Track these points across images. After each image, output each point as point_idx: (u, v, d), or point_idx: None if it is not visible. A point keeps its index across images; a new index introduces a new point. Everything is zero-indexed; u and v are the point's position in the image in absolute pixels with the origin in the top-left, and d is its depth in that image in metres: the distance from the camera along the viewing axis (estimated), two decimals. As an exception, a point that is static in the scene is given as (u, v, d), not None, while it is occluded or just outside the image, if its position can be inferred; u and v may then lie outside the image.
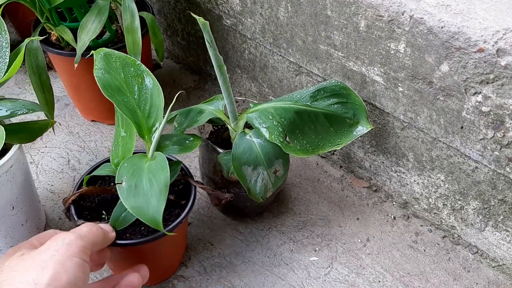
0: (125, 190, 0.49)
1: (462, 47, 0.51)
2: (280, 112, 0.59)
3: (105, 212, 0.58)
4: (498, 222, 0.60)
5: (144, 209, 0.48)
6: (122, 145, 0.55)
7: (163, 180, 0.49)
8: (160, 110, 0.55)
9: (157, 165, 0.51)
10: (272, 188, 0.61)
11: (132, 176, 0.50)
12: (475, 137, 0.56)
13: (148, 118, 0.54)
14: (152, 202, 0.48)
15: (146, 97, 0.55)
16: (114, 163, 0.55)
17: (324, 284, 0.63)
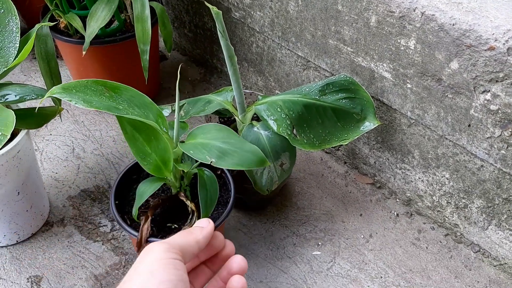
0: (219, 161, 0.49)
1: (472, 44, 0.52)
2: (288, 105, 0.59)
3: (171, 223, 0.56)
4: (502, 221, 0.60)
5: (247, 158, 0.50)
6: (154, 151, 0.52)
7: (230, 133, 0.51)
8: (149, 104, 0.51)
9: (211, 132, 0.52)
10: (278, 181, 0.61)
11: (209, 151, 0.50)
12: (482, 135, 0.56)
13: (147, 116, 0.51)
14: (246, 150, 0.50)
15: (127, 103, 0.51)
16: (156, 170, 0.52)
17: (327, 278, 0.63)
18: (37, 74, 0.93)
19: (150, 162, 0.52)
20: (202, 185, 0.53)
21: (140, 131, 0.51)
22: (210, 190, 0.53)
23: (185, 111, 0.66)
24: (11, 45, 0.56)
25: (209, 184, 0.53)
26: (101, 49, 0.74)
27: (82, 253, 0.65)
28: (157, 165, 0.52)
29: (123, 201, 0.57)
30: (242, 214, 0.71)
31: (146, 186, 0.52)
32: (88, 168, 0.75)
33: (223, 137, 0.51)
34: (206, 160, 0.48)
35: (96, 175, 0.74)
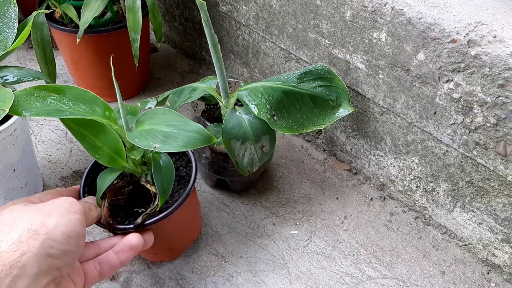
0: (164, 146, 0.50)
1: (437, 37, 0.56)
2: (268, 91, 0.63)
3: (137, 207, 0.58)
4: (466, 203, 0.65)
5: (192, 138, 0.50)
6: (104, 144, 0.54)
7: (174, 114, 0.52)
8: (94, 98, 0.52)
9: (156, 116, 0.53)
10: (259, 163, 0.65)
11: (153, 137, 0.50)
12: (446, 122, 0.61)
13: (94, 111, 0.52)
14: (190, 130, 0.51)
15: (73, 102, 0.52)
16: (111, 161, 0.54)
17: (303, 255, 0.67)
18: (33, 63, 0.97)
19: (103, 155, 0.54)
20: (157, 169, 0.54)
21: (86, 127, 0.53)
22: (166, 173, 0.55)
23: (171, 102, 0.70)
24: (9, 31, 0.60)
25: (164, 167, 0.55)
26: (94, 38, 0.78)
27: (73, 229, 0.68)
28: (111, 156, 0.54)
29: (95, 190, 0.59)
30: (226, 196, 0.75)
31: (105, 177, 0.55)
32: (80, 151, 0.79)
33: (167, 120, 0.52)
34: (150, 147, 0.49)
35: (88, 157, 0.78)
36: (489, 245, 0.65)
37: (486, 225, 0.64)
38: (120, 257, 0.52)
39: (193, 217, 0.66)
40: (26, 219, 0.44)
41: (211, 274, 0.64)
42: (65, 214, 0.46)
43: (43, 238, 0.42)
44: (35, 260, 0.41)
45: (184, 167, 0.64)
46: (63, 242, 0.44)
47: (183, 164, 0.64)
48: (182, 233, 0.64)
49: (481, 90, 0.55)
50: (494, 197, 0.61)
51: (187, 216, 0.63)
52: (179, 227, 0.62)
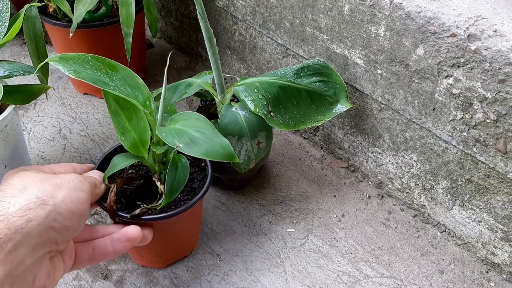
0: (186, 148, 0.50)
1: (436, 31, 0.55)
2: (265, 86, 0.62)
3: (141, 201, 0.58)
4: (465, 201, 0.64)
5: (214, 150, 0.50)
6: (133, 128, 0.54)
7: (207, 123, 0.52)
8: (141, 85, 0.54)
9: (190, 120, 0.53)
10: (255, 159, 0.64)
11: (180, 137, 0.51)
12: (445, 118, 0.60)
13: (136, 97, 0.54)
14: (216, 142, 0.51)
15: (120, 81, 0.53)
16: (133, 148, 0.54)
17: (299, 253, 0.66)
18: (26, 59, 0.96)
19: (128, 139, 0.54)
20: (173, 168, 0.54)
21: (123, 108, 0.54)
22: (180, 175, 0.54)
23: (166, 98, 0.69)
24: (0, 24, 0.59)
25: (180, 169, 0.54)
26: (88, 32, 0.77)
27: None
28: (135, 143, 0.54)
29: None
30: (222, 193, 0.74)
31: (121, 159, 0.55)
32: (74, 148, 0.78)
33: (199, 126, 0.52)
34: (174, 144, 0.49)
35: (82, 154, 0.77)
36: (488, 243, 0.64)
37: (485, 223, 0.63)
38: (115, 245, 0.51)
39: (190, 232, 0.64)
40: (36, 187, 0.44)
41: (206, 273, 0.63)
42: (73, 190, 0.46)
43: (50, 209, 0.42)
44: (38, 230, 0.41)
45: (199, 181, 0.61)
46: (67, 217, 0.44)
47: (199, 178, 0.62)
48: (174, 243, 0.62)
49: (481, 85, 0.54)
50: (494, 195, 0.60)
51: (185, 228, 0.62)
52: (173, 237, 0.61)
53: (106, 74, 0.51)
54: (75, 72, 0.47)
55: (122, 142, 0.54)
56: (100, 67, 0.51)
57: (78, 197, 0.46)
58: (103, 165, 0.58)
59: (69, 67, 0.48)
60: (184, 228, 0.61)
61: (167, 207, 0.56)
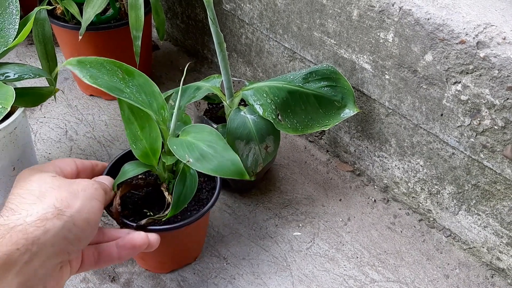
0: (196, 163, 0.49)
1: (445, 38, 0.55)
2: (274, 91, 0.62)
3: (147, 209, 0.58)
4: (471, 206, 0.64)
5: (224, 167, 0.50)
6: (145, 138, 0.55)
7: (218, 138, 0.52)
8: (157, 93, 0.54)
9: (202, 133, 0.53)
10: (263, 163, 0.64)
11: (191, 151, 0.50)
12: (453, 124, 0.60)
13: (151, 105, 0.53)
14: (226, 158, 0.51)
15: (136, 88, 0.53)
16: (143, 156, 0.55)
17: (306, 257, 0.67)
18: (32, 60, 0.96)
19: (139, 148, 0.54)
20: (181, 180, 0.54)
21: (136, 116, 0.54)
22: (188, 187, 0.54)
23: (174, 101, 0.69)
24: (10, 27, 0.59)
25: (189, 182, 0.54)
26: (96, 35, 0.77)
27: (73, 228, 0.67)
28: (145, 151, 0.54)
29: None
30: (228, 196, 0.74)
31: (132, 167, 0.55)
32: (80, 150, 0.78)
33: (211, 140, 0.52)
34: (184, 158, 0.49)
35: (88, 156, 0.77)
36: (493, 248, 0.64)
37: (491, 228, 0.63)
38: (120, 252, 0.51)
39: (195, 241, 0.64)
40: (54, 195, 0.43)
41: (213, 276, 0.64)
42: (89, 199, 0.46)
43: (66, 220, 0.42)
44: (53, 241, 0.41)
45: (208, 192, 0.61)
46: (82, 228, 0.44)
47: (208, 188, 0.62)
48: (178, 252, 0.63)
49: (489, 92, 0.54)
50: (500, 200, 0.60)
51: (190, 238, 0.62)
52: (177, 246, 0.61)
53: (123, 80, 0.51)
54: (92, 78, 0.47)
55: (133, 150, 0.54)
56: (117, 72, 0.51)
57: (93, 207, 0.46)
58: (112, 171, 0.58)
59: (85, 72, 0.48)
60: (189, 238, 0.61)
61: (174, 217, 0.56)
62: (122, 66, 0.52)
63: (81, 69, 0.48)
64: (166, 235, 0.55)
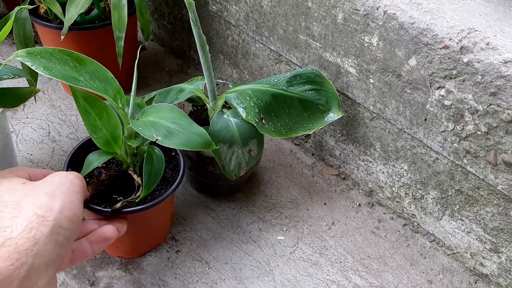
0: (165, 140, 0.50)
1: (429, 43, 0.55)
2: (257, 94, 0.62)
3: (117, 194, 0.59)
4: (454, 211, 0.64)
5: (192, 140, 0.51)
6: (104, 126, 0.55)
7: (181, 114, 0.53)
8: (111, 79, 0.53)
9: (163, 111, 0.53)
10: (246, 167, 0.64)
11: (157, 129, 0.51)
12: (437, 129, 0.60)
13: (106, 90, 0.53)
14: (193, 132, 0.52)
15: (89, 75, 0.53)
16: (105, 145, 0.55)
17: (289, 261, 0.66)
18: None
19: (100, 137, 0.54)
20: (149, 161, 0.55)
21: (93, 106, 0.54)
22: (156, 167, 0.56)
23: (157, 102, 0.68)
24: (-11, 26, 0.58)
25: (156, 161, 0.56)
26: (79, 35, 0.76)
27: (53, 231, 0.66)
28: (107, 140, 0.55)
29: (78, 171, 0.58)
30: (212, 200, 0.73)
31: (96, 157, 0.55)
32: (63, 151, 0.77)
33: (173, 117, 0.53)
34: (152, 138, 0.50)
35: (71, 158, 0.76)
36: (477, 254, 0.64)
37: (474, 234, 0.63)
38: (93, 247, 0.51)
39: (164, 220, 0.65)
40: (30, 202, 0.41)
41: (195, 281, 0.63)
42: (68, 194, 0.44)
43: (51, 225, 0.41)
44: (46, 249, 0.40)
45: (171, 170, 0.63)
46: (68, 227, 0.42)
47: (171, 167, 0.63)
48: (150, 232, 0.64)
49: (472, 97, 0.54)
50: (484, 206, 0.60)
51: (160, 217, 0.63)
52: (149, 226, 0.62)
53: (74, 68, 0.50)
54: (46, 69, 0.46)
55: (94, 140, 0.54)
56: (67, 60, 0.50)
57: (73, 202, 0.44)
58: (76, 159, 0.59)
59: (38, 63, 0.46)
60: (159, 217, 0.62)
61: (144, 198, 0.57)
62: (72, 54, 0.51)
63: (33, 61, 0.46)
64: (139, 216, 0.57)
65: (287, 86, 0.64)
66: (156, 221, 0.62)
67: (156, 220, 0.62)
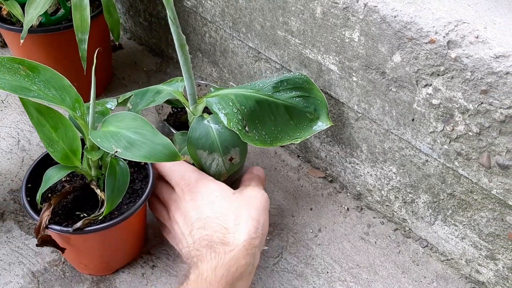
0: (125, 152, 0.46)
1: (414, 37, 0.51)
2: (240, 99, 0.57)
3: (80, 211, 0.55)
4: (447, 216, 0.60)
5: (156, 151, 0.47)
6: (61, 139, 0.51)
7: (144, 123, 0.49)
8: (68, 87, 0.50)
9: (125, 120, 0.50)
10: (227, 174, 0.60)
11: (117, 141, 0.47)
12: (425, 130, 0.55)
13: (63, 100, 0.50)
14: (157, 142, 0.48)
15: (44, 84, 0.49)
16: (64, 159, 0.51)
17: (272, 273, 0.62)
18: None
19: (57, 150, 0.50)
20: (111, 174, 0.51)
21: (47, 117, 0.50)
22: (120, 180, 0.51)
23: (132, 104, 0.64)
24: None
25: (120, 174, 0.51)
26: (45, 37, 0.71)
27: (21, 249, 0.62)
28: (65, 153, 0.51)
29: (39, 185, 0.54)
30: (190, 208, 0.69)
31: (54, 172, 0.51)
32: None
33: (136, 127, 0.49)
34: (112, 150, 0.46)
35: (41, 168, 0.72)
36: (472, 261, 0.60)
37: (469, 240, 0.59)
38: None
39: (137, 234, 0.61)
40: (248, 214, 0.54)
41: (171, 298, 0.59)
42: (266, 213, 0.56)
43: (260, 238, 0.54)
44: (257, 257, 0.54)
45: (141, 181, 0.59)
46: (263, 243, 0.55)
47: (140, 178, 0.59)
48: (121, 249, 0.59)
49: (462, 96, 0.50)
50: (478, 211, 0.56)
51: (131, 231, 0.58)
52: (119, 242, 0.58)
53: (27, 77, 0.47)
54: None
55: (51, 154, 0.50)
56: (18, 69, 0.47)
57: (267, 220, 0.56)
58: (38, 171, 0.55)
59: None
60: (130, 231, 0.58)
61: (111, 213, 0.53)
62: (23, 62, 0.48)
63: None
64: (106, 234, 0.53)
65: (273, 91, 0.59)
66: (127, 237, 0.58)
67: (126, 235, 0.58)
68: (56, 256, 0.62)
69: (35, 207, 0.53)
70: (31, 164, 0.57)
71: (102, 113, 0.57)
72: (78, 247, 0.55)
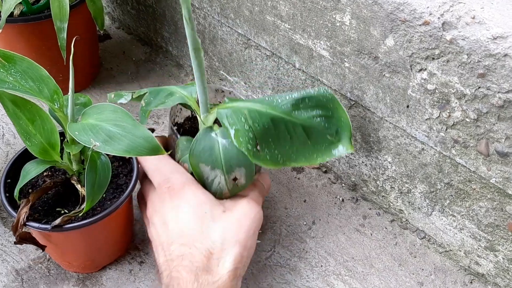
0: (104, 146, 0.44)
1: (407, 19, 0.48)
2: (254, 116, 0.51)
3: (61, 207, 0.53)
4: (445, 206, 0.58)
5: (137, 145, 0.45)
6: (38, 132, 0.49)
7: (125, 115, 0.47)
8: (46, 77, 0.48)
9: (105, 112, 0.47)
10: (229, 194, 0.54)
11: (96, 134, 0.45)
12: (420, 117, 0.53)
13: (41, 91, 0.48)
14: (138, 135, 0.45)
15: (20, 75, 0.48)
16: (42, 153, 0.49)
17: (264, 268, 0.60)
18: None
19: (35, 144, 0.48)
20: (92, 169, 0.49)
21: (23, 110, 0.48)
22: (101, 175, 0.49)
23: (146, 101, 0.59)
24: None
25: (101, 169, 0.49)
26: (27, 27, 0.69)
27: (4, 246, 0.60)
28: (43, 147, 0.49)
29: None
30: (180, 202, 0.67)
31: (32, 167, 0.49)
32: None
33: (116, 119, 0.46)
34: (90, 144, 0.43)
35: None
36: (471, 252, 0.58)
37: (467, 231, 0.57)
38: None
39: (122, 230, 0.58)
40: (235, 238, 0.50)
41: (159, 295, 0.57)
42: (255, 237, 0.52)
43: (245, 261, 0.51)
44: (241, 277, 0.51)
45: (125, 176, 0.56)
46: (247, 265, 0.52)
47: (125, 172, 0.56)
48: (106, 245, 0.57)
49: (458, 80, 0.47)
50: (476, 200, 0.54)
51: (116, 228, 0.56)
52: (103, 238, 0.55)
53: (2, 67, 0.45)
54: None
55: (28, 148, 0.48)
56: None
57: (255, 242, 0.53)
58: (18, 166, 0.52)
59: None
60: (114, 228, 0.56)
61: (93, 209, 0.51)
62: None
63: None
64: (88, 230, 0.51)
65: (292, 109, 0.53)
66: (111, 233, 0.56)
67: (110, 232, 0.55)
68: (41, 253, 0.60)
69: (15, 203, 0.51)
70: (10, 159, 0.54)
71: (84, 104, 0.54)
72: (60, 245, 0.53)
